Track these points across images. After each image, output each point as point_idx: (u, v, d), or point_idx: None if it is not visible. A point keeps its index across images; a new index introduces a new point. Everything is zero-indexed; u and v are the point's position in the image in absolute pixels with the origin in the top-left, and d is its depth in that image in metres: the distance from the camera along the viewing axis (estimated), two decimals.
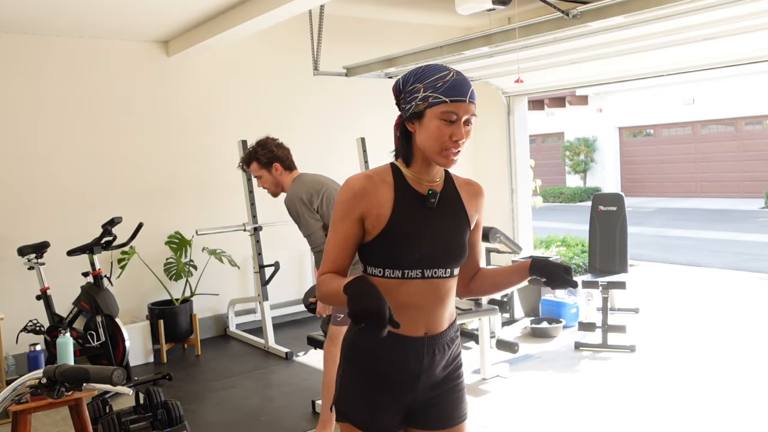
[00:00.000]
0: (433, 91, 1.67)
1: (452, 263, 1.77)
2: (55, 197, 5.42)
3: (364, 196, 1.72)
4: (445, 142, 1.69)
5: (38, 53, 5.35)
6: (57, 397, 1.58)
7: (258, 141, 3.65)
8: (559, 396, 4.19)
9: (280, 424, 3.99)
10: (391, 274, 1.73)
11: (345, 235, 1.73)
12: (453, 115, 1.67)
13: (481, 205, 1.88)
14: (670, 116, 17.15)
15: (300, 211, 3.42)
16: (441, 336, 1.78)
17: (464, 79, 1.70)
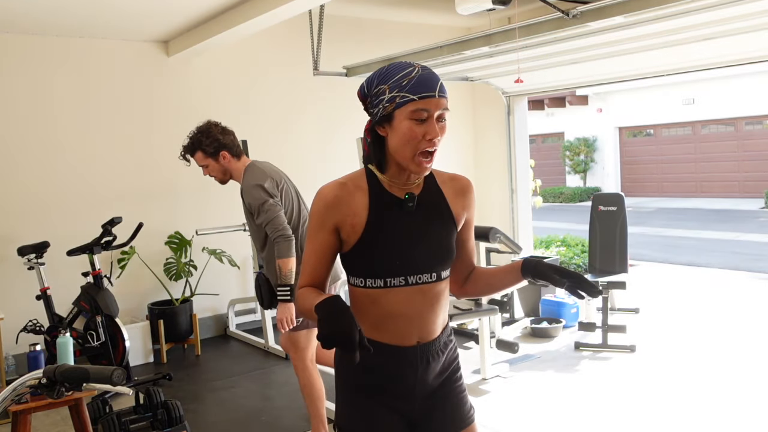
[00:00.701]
0: (399, 90, 1.58)
1: (438, 267, 1.69)
2: (55, 197, 5.42)
3: (337, 205, 1.66)
4: (419, 142, 1.59)
5: (38, 53, 5.35)
6: (57, 397, 1.58)
7: (199, 128, 3.40)
8: (559, 396, 4.19)
9: (280, 424, 3.99)
10: (373, 283, 1.66)
11: (321, 246, 1.69)
12: (423, 113, 1.57)
13: (469, 201, 1.78)
14: (670, 116, 17.15)
15: (263, 198, 3.26)
16: (434, 342, 1.72)
17: (431, 72, 1.61)
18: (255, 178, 3.32)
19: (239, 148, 3.45)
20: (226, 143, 3.37)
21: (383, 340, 1.68)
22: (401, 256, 1.65)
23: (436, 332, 1.73)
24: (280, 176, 3.45)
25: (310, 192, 6.72)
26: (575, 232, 9.34)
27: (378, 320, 1.68)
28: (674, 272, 8.29)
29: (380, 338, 1.67)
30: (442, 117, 1.61)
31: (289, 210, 3.37)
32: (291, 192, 3.46)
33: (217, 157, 3.37)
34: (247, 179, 3.35)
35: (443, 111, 1.60)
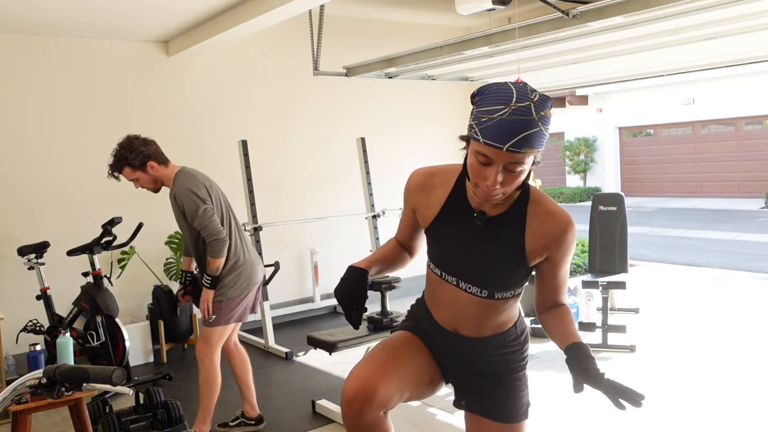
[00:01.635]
0: (477, 123, 1.49)
1: (491, 288, 1.69)
2: (55, 197, 5.42)
3: (417, 193, 1.74)
4: (481, 184, 1.53)
5: (38, 53, 5.35)
6: (57, 397, 1.58)
7: (121, 144, 3.42)
8: (559, 396, 4.19)
9: (280, 424, 3.99)
10: (434, 269, 1.76)
11: (405, 217, 1.84)
12: (484, 158, 1.49)
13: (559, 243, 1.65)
14: (670, 116, 17.15)
15: (198, 204, 3.38)
16: (477, 340, 1.77)
17: (518, 119, 1.43)
18: (188, 184, 3.43)
19: (164, 156, 3.51)
20: (150, 153, 3.42)
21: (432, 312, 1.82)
22: (455, 263, 1.70)
23: (481, 334, 1.77)
24: (210, 182, 3.56)
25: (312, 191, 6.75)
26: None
27: (432, 298, 1.82)
28: (674, 272, 8.29)
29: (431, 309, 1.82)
30: (512, 168, 1.49)
31: (219, 214, 3.50)
32: (220, 196, 3.58)
33: (145, 168, 3.42)
34: (180, 184, 3.44)
35: (515, 165, 1.48)
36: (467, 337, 1.76)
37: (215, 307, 3.54)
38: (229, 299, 3.55)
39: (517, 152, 1.45)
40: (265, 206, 5.94)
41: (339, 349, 3.88)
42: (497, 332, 1.78)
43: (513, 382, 1.83)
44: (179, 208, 3.44)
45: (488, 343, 1.78)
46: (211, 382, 3.60)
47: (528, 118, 1.43)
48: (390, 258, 1.84)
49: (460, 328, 1.76)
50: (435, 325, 1.80)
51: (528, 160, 1.50)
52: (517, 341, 1.83)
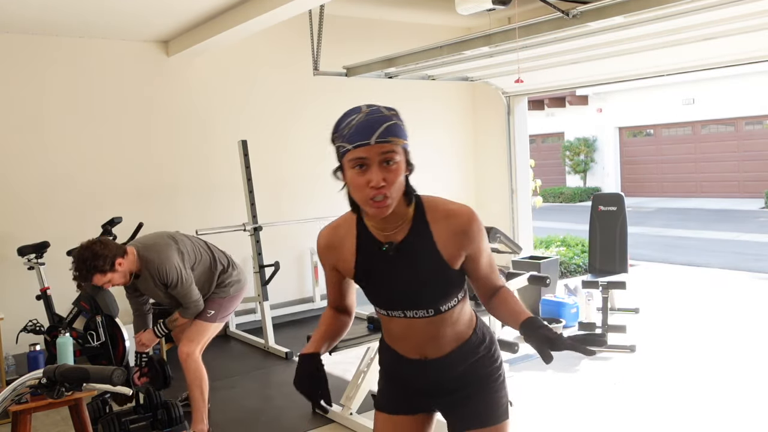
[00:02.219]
0: (341, 140, 1.56)
1: (432, 305, 1.70)
2: (55, 197, 5.42)
3: (328, 251, 1.78)
4: (365, 190, 1.54)
5: (38, 53, 5.35)
6: (57, 397, 1.58)
7: (82, 257, 3.24)
8: (559, 396, 4.19)
9: (280, 424, 3.99)
10: (379, 310, 1.79)
11: (329, 279, 1.85)
12: (360, 161, 1.53)
13: (469, 239, 1.67)
14: (670, 116, 17.15)
15: (178, 274, 3.42)
16: (445, 358, 1.78)
17: (375, 117, 1.54)
18: (164, 258, 3.42)
19: (120, 246, 3.39)
20: (112, 252, 3.30)
21: (395, 348, 1.84)
22: (392, 296, 1.73)
23: (445, 350, 1.77)
24: (174, 239, 3.58)
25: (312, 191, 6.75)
26: (575, 232, 9.34)
27: (389, 335, 1.85)
28: (674, 272, 8.29)
29: (393, 346, 1.84)
30: (387, 160, 1.54)
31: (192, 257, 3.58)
32: (186, 242, 3.62)
33: (114, 267, 3.31)
34: (155, 261, 3.41)
35: (387, 154, 1.53)
36: (436, 359, 1.78)
37: (216, 303, 3.65)
38: (231, 297, 3.72)
39: (384, 142, 1.53)
40: (265, 206, 5.94)
41: (339, 349, 3.87)
42: (459, 343, 1.78)
43: (491, 384, 1.82)
44: (159, 279, 3.43)
45: (456, 357, 1.78)
46: (201, 381, 3.63)
47: (382, 114, 1.55)
48: (333, 330, 1.86)
49: (427, 352, 1.77)
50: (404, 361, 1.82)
51: (398, 150, 1.55)
52: (483, 346, 1.82)
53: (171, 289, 3.45)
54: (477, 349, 1.81)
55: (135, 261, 3.40)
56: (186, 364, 3.59)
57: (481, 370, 1.82)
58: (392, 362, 1.87)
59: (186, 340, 3.61)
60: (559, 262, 7.11)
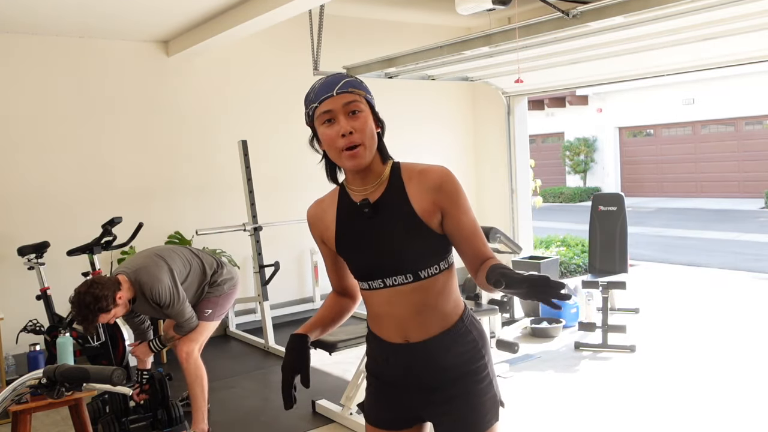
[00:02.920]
0: (308, 104, 1.70)
1: (410, 268, 1.67)
2: (55, 197, 5.43)
3: (314, 223, 1.85)
4: (336, 141, 1.64)
5: (38, 53, 5.35)
6: (57, 397, 1.58)
7: (83, 302, 3.22)
8: (559, 396, 4.19)
9: (280, 424, 3.99)
10: (362, 285, 1.77)
11: (324, 256, 1.89)
12: (328, 115, 1.64)
13: (443, 194, 1.67)
14: (670, 116, 17.15)
15: (172, 294, 3.44)
16: (428, 343, 1.71)
17: (335, 76, 1.68)
18: (155, 280, 3.43)
19: (113, 279, 3.38)
20: (112, 288, 3.30)
21: (379, 334, 1.80)
22: (370, 261, 1.72)
23: (430, 333, 1.72)
24: (161, 258, 3.57)
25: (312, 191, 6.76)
26: (575, 232, 9.34)
27: (373, 317, 1.81)
28: (674, 272, 8.29)
29: (376, 331, 1.81)
30: (353, 110, 1.64)
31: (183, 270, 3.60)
32: (173, 256, 3.62)
33: (116, 302, 3.32)
34: (147, 283, 3.42)
35: (351, 105, 1.63)
36: (418, 343, 1.72)
37: (212, 302, 3.69)
38: (226, 294, 3.76)
39: (346, 92, 1.64)
40: (265, 206, 5.94)
41: (339, 349, 3.88)
42: (445, 328, 1.72)
43: (476, 385, 1.74)
44: (153, 300, 3.44)
45: (439, 343, 1.72)
46: (201, 380, 3.64)
47: (341, 75, 1.70)
48: (330, 314, 1.87)
49: (409, 333, 1.72)
50: (387, 348, 1.77)
51: (361, 101, 1.65)
52: (469, 336, 1.75)
53: (164, 309, 3.47)
54: (463, 339, 1.74)
55: (130, 287, 3.41)
56: (186, 363, 3.60)
57: (467, 366, 1.74)
58: (375, 352, 1.83)
59: (185, 340, 3.61)
60: (559, 262, 7.11)
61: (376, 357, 1.84)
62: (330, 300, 1.92)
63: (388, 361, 1.78)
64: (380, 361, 1.82)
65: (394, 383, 1.80)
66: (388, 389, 1.82)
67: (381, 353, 1.80)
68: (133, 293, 3.42)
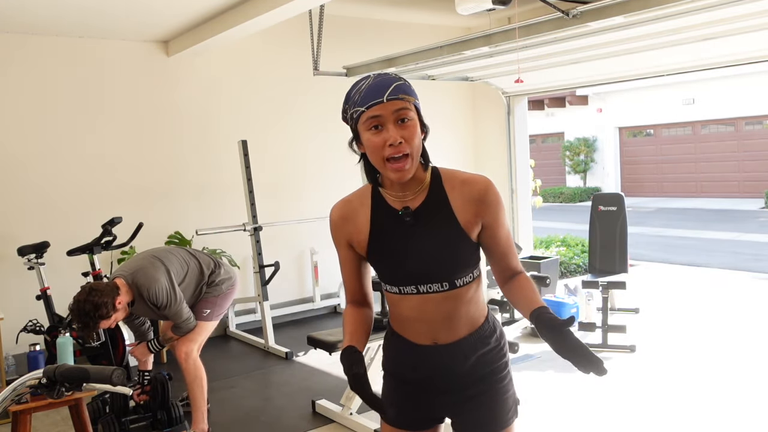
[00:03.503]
0: (353, 105, 1.62)
1: (447, 277, 1.66)
2: (55, 197, 5.43)
3: (343, 224, 1.73)
4: (383, 150, 1.56)
5: (38, 53, 5.35)
6: (57, 397, 1.58)
7: (83, 310, 3.21)
8: (559, 396, 4.19)
9: (280, 424, 3.99)
10: (390, 289, 1.72)
11: (344, 261, 1.77)
12: (375, 120, 1.57)
13: (486, 206, 1.66)
14: (670, 116, 17.15)
15: (170, 295, 3.44)
16: (456, 344, 1.72)
17: (383, 78, 1.60)
18: (152, 281, 3.42)
19: (111, 284, 3.37)
20: (111, 294, 3.30)
21: (405, 335, 1.76)
22: (405, 268, 1.67)
23: (458, 335, 1.72)
24: (158, 259, 3.56)
25: (312, 191, 6.74)
26: (575, 232, 9.34)
27: (399, 319, 1.76)
28: (674, 272, 8.29)
29: (401, 332, 1.77)
30: (402, 117, 1.57)
31: (181, 271, 3.60)
32: (170, 257, 3.62)
33: (116, 308, 3.33)
34: (144, 285, 3.41)
35: (400, 112, 1.57)
36: (447, 344, 1.72)
37: (210, 302, 3.69)
38: (224, 294, 3.75)
39: (397, 98, 1.56)
40: (265, 206, 5.94)
41: (339, 349, 3.87)
42: (472, 330, 1.73)
43: (498, 384, 1.77)
44: (150, 302, 3.44)
45: (467, 344, 1.73)
46: (201, 380, 3.64)
47: (390, 77, 1.61)
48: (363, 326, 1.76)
49: (438, 336, 1.72)
50: (413, 348, 1.75)
51: (411, 107, 1.59)
52: (494, 336, 1.77)
53: (162, 310, 3.47)
54: (488, 339, 1.76)
55: (128, 291, 3.40)
56: (185, 364, 3.60)
57: (491, 365, 1.76)
58: (399, 353, 1.79)
59: (184, 340, 3.61)
60: (559, 262, 7.11)
61: (398, 357, 1.80)
62: (353, 315, 1.77)
63: (414, 361, 1.76)
64: (404, 361, 1.78)
65: (416, 384, 1.78)
66: (409, 390, 1.79)
67: (406, 354, 1.77)
68: (131, 296, 3.42)
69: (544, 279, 4.91)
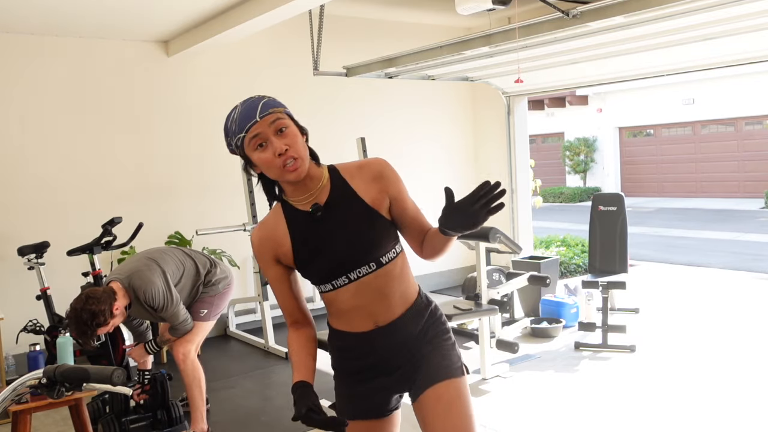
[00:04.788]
0: (232, 136, 1.70)
1: (371, 257, 1.75)
2: (55, 197, 5.43)
3: (266, 243, 1.81)
4: (274, 161, 1.66)
5: (38, 53, 5.35)
6: (57, 397, 1.58)
7: (80, 319, 3.21)
8: (559, 396, 4.19)
9: (280, 424, 3.99)
10: (325, 288, 1.80)
11: (276, 280, 1.83)
12: (257, 139, 1.66)
13: (387, 182, 1.78)
14: (670, 116, 17.15)
15: (165, 296, 3.44)
16: (396, 322, 1.81)
17: (250, 102, 1.69)
18: (147, 282, 3.42)
19: (107, 290, 3.37)
20: (108, 300, 3.30)
21: (345, 328, 1.84)
22: (333, 261, 1.76)
23: (395, 314, 1.81)
24: (153, 260, 3.56)
25: None
26: (575, 232, 9.34)
27: (338, 314, 1.84)
28: (674, 272, 8.29)
29: (342, 327, 1.84)
30: (279, 128, 1.67)
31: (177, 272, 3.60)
32: (166, 258, 3.62)
33: (113, 314, 3.33)
34: (141, 287, 3.41)
35: (276, 122, 1.67)
36: (387, 324, 1.80)
37: (207, 302, 3.70)
38: (221, 294, 3.76)
39: (268, 114, 1.67)
40: (265, 206, 5.93)
41: None
42: (408, 306, 1.82)
43: (443, 344, 1.86)
44: (146, 303, 3.44)
45: (406, 320, 1.82)
46: (199, 380, 3.65)
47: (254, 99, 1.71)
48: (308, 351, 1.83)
49: (378, 317, 1.79)
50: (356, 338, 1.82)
51: (283, 116, 1.70)
52: (429, 309, 1.88)
53: (159, 311, 3.47)
54: (424, 312, 1.86)
55: (125, 294, 3.40)
56: (183, 364, 3.60)
57: (431, 331, 1.85)
58: (344, 347, 1.86)
59: (182, 341, 3.61)
60: (559, 262, 7.11)
61: (344, 351, 1.87)
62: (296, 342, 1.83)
63: (360, 350, 1.84)
64: (350, 353, 1.86)
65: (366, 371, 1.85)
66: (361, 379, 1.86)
67: (350, 345, 1.84)
68: (128, 299, 3.41)
69: (544, 279, 4.90)
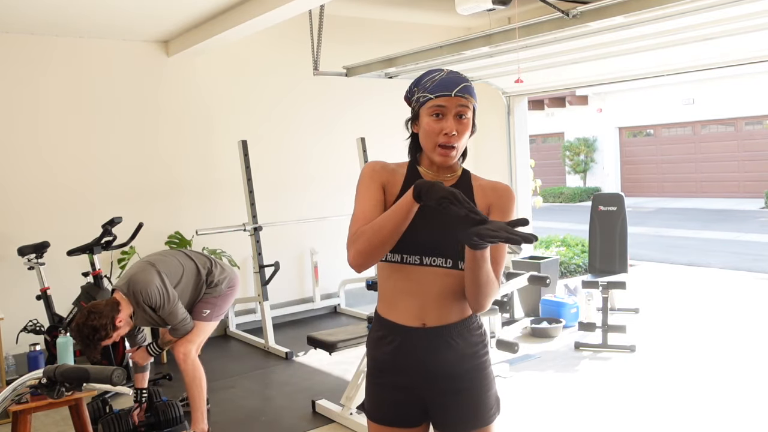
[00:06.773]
0: (423, 91, 1.77)
1: (453, 255, 1.74)
2: (55, 197, 5.42)
3: (383, 172, 1.83)
4: (437, 136, 1.73)
5: (38, 53, 5.35)
6: (57, 397, 1.58)
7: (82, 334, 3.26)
8: (559, 396, 4.19)
9: (280, 424, 3.99)
10: (392, 257, 1.78)
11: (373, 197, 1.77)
12: (439, 109, 1.73)
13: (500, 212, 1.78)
14: (670, 116, 17.15)
15: (163, 296, 3.45)
16: (444, 329, 1.77)
17: (456, 76, 1.76)
18: (143, 282, 3.43)
19: (110, 301, 3.40)
20: (111, 315, 3.32)
21: (392, 318, 1.81)
22: (417, 237, 1.74)
23: (448, 319, 1.78)
24: (151, 264, 3.58)
25: (312, 191, 6.75)
26: (575, 232, 9.34)
27: (390, 295, 1.82)
28: (674, 272, 8.29)
29: (390, 316, 1.81)
30: (461, 114, 1.73)
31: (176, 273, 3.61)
32: (164, 260, 3.63)
33: (116, 326, 3.36)
34: (140, 290, 3.43)
35: (461, 108, 1.73)
36: (435, 327, 1.77)
37: (210, 303, 3.70)
38: (223, 295, 3.75)
39: (463, 97, 1.73)
40: (265, 206, 5.94)
41: (339, 349, 3.88)
42: (462, 317, 1.80)
43: (484, 380, 1.83)
44: (147, 304, 3.45)
45: (455, 330, 1.78)
46: (200, 380, 3.65)
47: (461, 76, 1.78)
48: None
49: (427, 316, 1.77)
50: (400, 331, 1.78)
51: (471, 108, 1.75)
52: (479, 330, 1.85)
53: (158, 311, 3.48)
54: (475, 331, 1.83)
55: (128, 303, 3.41)
56: (184, 364, 3.60)
57: (475, 360, 1.82)
58: (385, 341, 1.81)
59: (183, 341, 3.61)
60: (559, 262, 7.11)
61: (385, 344, 1.82)
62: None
63: (401, 346, 1.79)
64: (390, 347, 1.81)
65: (401, 374, 1.81)
66: (395, 382, 1.82)
67: (392, 341, 1.80)
68: (131, 308, 3.43)
69: (544, 279, 4.90)
